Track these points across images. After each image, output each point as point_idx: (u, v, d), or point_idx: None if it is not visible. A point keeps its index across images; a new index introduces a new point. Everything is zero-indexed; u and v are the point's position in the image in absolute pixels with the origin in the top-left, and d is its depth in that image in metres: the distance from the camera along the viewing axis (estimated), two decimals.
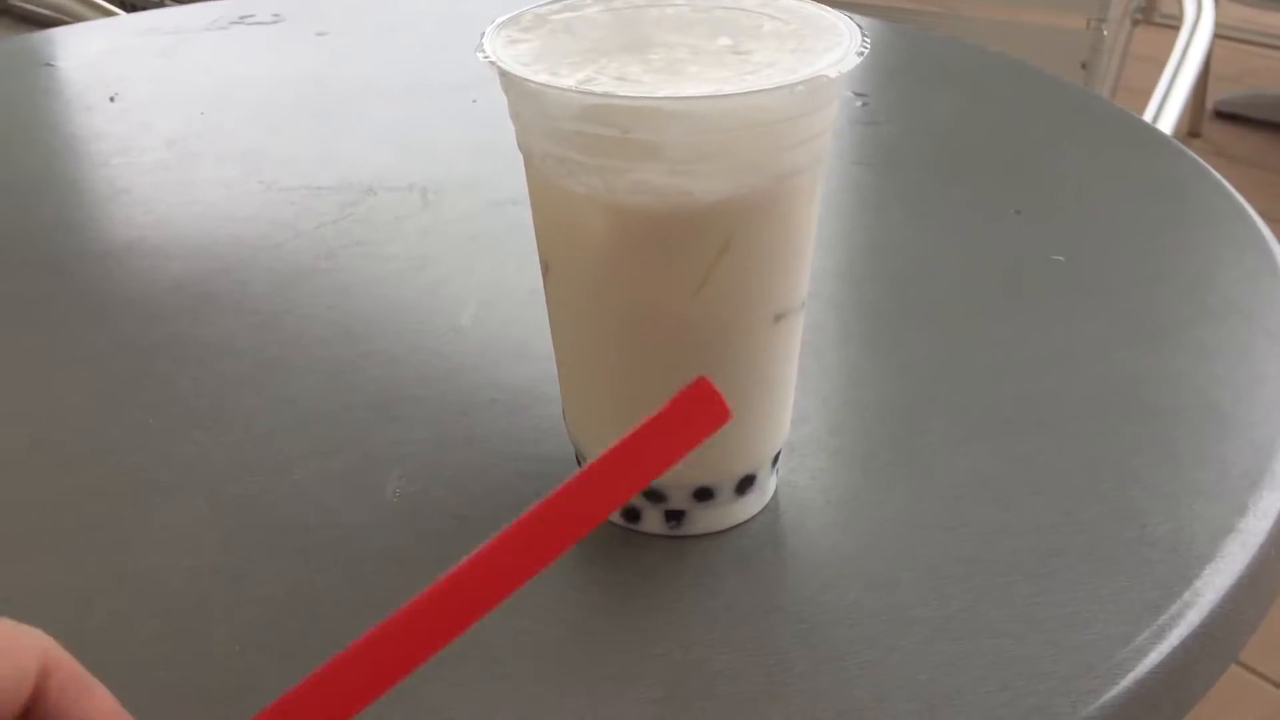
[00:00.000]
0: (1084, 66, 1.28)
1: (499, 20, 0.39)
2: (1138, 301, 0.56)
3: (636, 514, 0.42)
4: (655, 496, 0.41)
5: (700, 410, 0.25)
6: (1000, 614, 0.39)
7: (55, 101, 0.86)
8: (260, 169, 0.72)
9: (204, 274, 0.61)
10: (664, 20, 0.39)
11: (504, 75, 0.36)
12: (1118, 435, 0.47)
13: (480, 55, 0.36)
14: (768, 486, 0.44)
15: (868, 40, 0.36)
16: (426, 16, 0.99)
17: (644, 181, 0.35)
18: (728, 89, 0.34)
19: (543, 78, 0.35)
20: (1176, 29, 1.37)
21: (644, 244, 0.37)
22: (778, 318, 0.39)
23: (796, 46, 0.37)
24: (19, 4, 1.67)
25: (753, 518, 0.43)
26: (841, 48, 0.36)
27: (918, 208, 0.66)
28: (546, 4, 0.40)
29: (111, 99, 0.83)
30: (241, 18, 0.98)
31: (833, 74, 0.34)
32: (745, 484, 0.42)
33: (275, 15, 0.98)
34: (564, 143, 0.36)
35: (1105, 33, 1.28)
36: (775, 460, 0.43)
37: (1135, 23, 1.50)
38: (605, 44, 0.37)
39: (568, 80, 0.35)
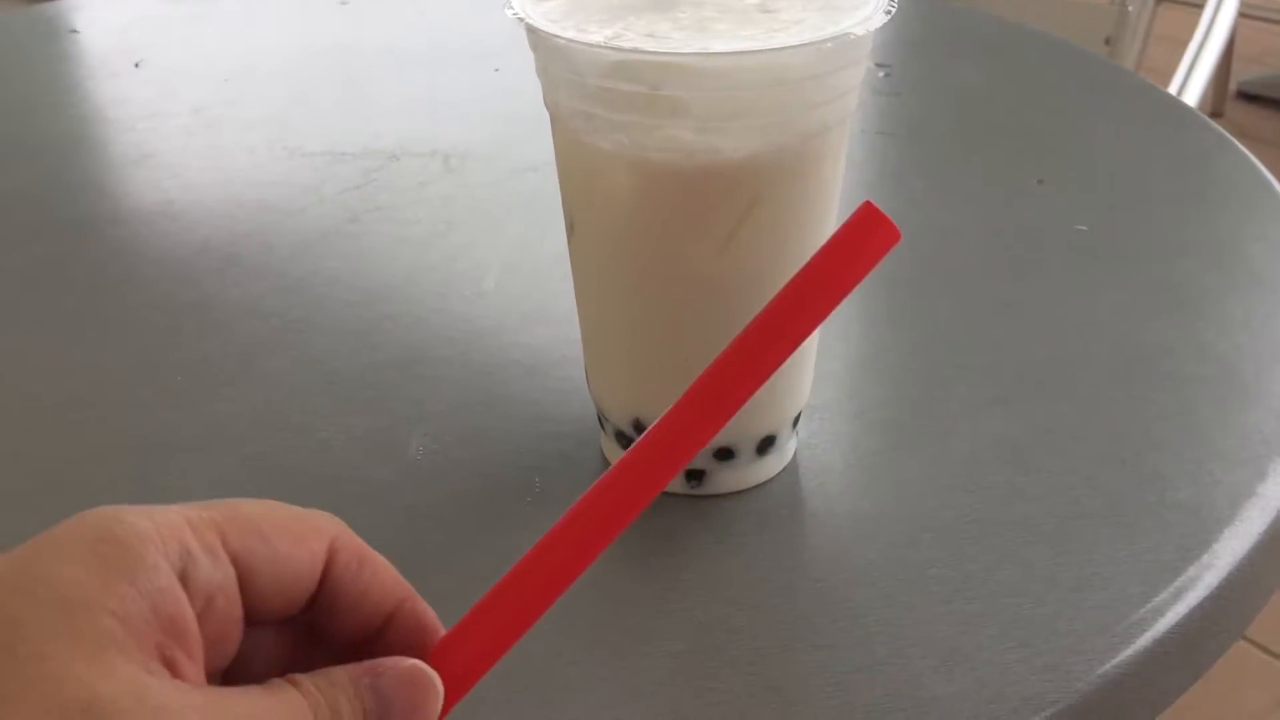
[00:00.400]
0: (1108, 43, 1.28)
1: None
2: (1160, 271, 0.56)
3: None
4: None
5: (870, 233, 0.25)
6: (1018, 574, 0.39)
7: (81, 68, 0.86)
8: (285, 135, 0.72)
9: (230, 237, 0.62)
10: None
11: (532, 31, 0.36)
12: (1139, 402, 0.47)
13: (509, 12, 0.36)
14: (788, 448, 0.44)
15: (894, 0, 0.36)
16: None
17: (672, 138, 0.35)
18: (755, 46, 0.34)
19: (571, 34, 0.35)
20: (1198, 9, 1.37)
21: (670, 201, 0.37)
22: None
23: (824, 5, 0.37)
24: None
25: (773, 478, 0.44)
26: (869, 6, 0.36)
27: (940, 178, 0.66)
28: None
29: (136, 65, 0.83)
30: None
31: (860, 31, 0.35)
32: (766, 444, 0.42)
33: None
34: (591, 99, 0.36)
35: (1130, 9, 1.27)
36: (796, 422, 0.44)
37: (1159, 0, 1.49)
38: (633, 2, 0.37)
39: (596, 36, 0.35)
